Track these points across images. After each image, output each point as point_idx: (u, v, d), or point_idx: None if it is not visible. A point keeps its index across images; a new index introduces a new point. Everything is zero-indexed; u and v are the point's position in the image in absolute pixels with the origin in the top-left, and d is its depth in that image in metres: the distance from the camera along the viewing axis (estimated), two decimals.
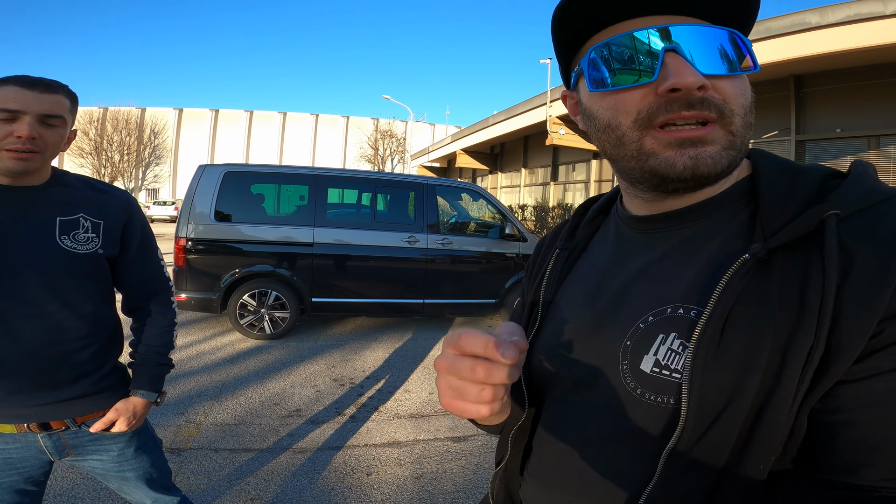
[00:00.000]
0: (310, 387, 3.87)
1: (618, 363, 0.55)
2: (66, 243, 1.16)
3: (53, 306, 1.14)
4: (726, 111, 0.50)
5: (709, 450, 0.47)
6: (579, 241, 0.71)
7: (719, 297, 0.47)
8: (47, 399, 1.17)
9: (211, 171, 4.95)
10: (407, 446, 3.00)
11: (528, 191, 19.34)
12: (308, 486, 2.50)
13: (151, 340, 1.35)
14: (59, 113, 1.11)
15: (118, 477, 1.35)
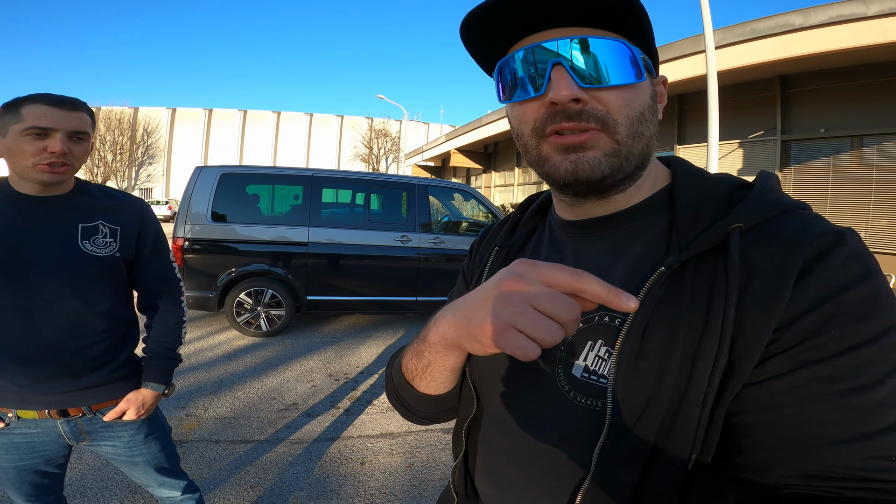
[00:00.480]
0: (305, 382, 3.99)
1: (554, 367, 0.58)
2: (87, 247, 1.28)
3: (74, 304, 1.26)
4: (609, 121, 0.52)
5: (633, 448, 0.51)
6: (517, 240, 0.72)
7: (638, 307, 0.49)
8: (66, 388, 1.28)
9: (208, 173, 5.05)
10: (399, 437, 3.13)
11: (521, 189, 19.49)
12: (305, 474, 2.63)
13: (162, 336, 1.47)
14: (85, 129, 1.23)
15: (128, 462, 1.46)
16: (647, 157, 0.57)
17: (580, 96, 0.51)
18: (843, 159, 8.30)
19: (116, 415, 1.35)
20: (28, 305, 1.21)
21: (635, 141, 0.54)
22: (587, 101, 0.52)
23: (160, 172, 42.48)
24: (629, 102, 0.53)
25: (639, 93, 0.54)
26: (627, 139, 0.53)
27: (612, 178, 0.54)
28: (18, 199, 1.23)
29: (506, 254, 0.71)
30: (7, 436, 1.28)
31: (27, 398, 1.26)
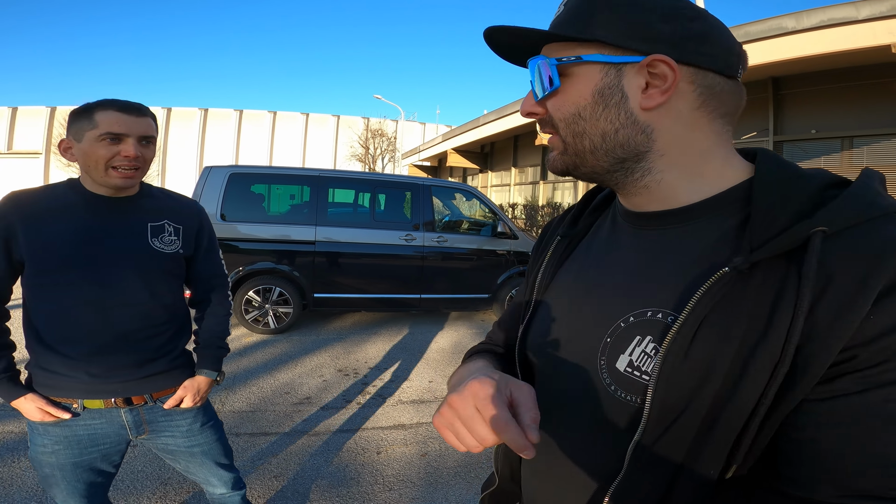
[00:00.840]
0: (317, 377, 4.09)
1: (597, 358, 0.58)
2: (156, 245, 1.38)
3: (143, 297, 1.35)
4: (555, 124, 0.58)
5: (668, 449, 0.50)
6: (581, 229, 0.72)
7: (693, 307, 0.49)
8: (132, 376, 1.36)
9: (217, 173, 5.14)
10: (411, 428, 3.25)
11: (517, 189, 19.62)
12: (325, 464, 2.74)
13: (213, 327, 1.57)
14: (152, 133, 1.32)
15: (187, 453, 1.52)
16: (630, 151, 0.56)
17: (529, 110, 0.60)
18: (833, 160, 8.49)
19: (175, 401, 1.43)
20: (103, 298, 1.30)
21: (577, 139, 0.57)
22: (539, 112, 0.60)
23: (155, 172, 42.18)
24: (558, 107, 0.57)
25: (567, 96, 0.56)
26: (569, 138, 0.58)
27: (576, 172, 0.60)
28: (93, 199, 1.32)
29: (567, 243, 0.72)
30: (70, 428, 1.34)
31: (95, 388, 1.33)
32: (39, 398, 1.29)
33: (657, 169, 0.57)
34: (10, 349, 1.33)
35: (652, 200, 0.59)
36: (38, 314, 1.29)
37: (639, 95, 0.54)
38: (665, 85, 0.52)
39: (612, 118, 0.55)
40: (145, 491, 2.37)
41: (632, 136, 0.55)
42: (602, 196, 0.74)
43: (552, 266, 0.71)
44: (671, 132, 0.55)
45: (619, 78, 0.54)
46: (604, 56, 0.53)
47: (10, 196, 1.27)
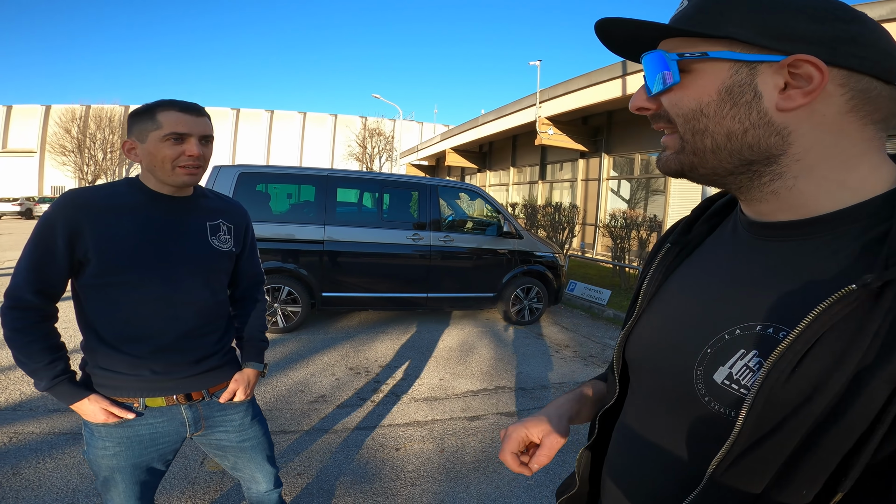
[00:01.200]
0: (329, 375, 4.13)
1: (694, 367, 0.57)
2: (215, 243, 1.41)
3: (205, 294, 1.39)
4: (671, 119, 0.57)
5: (755, 465, 0.49)
6: (693, 237, 0.70)
7: (810, 324, 0.46)
8: (191, 372, 1.39)
9: (226, 172, 5.16)
10: (427, 425, 3.29)
11: (515, 189, 19.69)
12: (346, 461, 2.78)
13: (255, 322, 1.61)
14: (211, 132, 1.34)
15: (238, 448, 1.53)
16: (759, 153, 0.53)
17: (640, 105, 0.59)
18: None
19: (230, 395, 1.46)
20: (171, 295, 1.32)
21: (697, 137, 0.55)
22: (650, 108, 0.59)
23: None
24: (676, 103, 0.56)
25: (687, 92, 0.55)
26: (688, 135, 0.56)
27: (693, 173, 0.58)
28: (157, 198, 1.34)
29: (678, 251, 0.70)
30: (133, 428, 1.34)
31: (157, 386, 1.35)
32: (103, 399, 1.30)
33: (790, 174, 0.53)
34: (65, 350, 1.32)
35: (780, 208, 0.56)
36: (101, 313, 1.29)
37: (776, 95, 0.51)
38: (809, 86, 0.49)
39: (740, 117, 0.52)
40: (174, 491, 2.40)
41: (763, 137, 0.52)
42: (722, 203, 0.71)
43: (660, 273, 0.70)
44: (812, 136, 0.51)
45: (751, 76, 0.51)
46: (735, 54, 0.51)
47: (72, 195, 1.27)
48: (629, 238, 8.90)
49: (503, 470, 2.77)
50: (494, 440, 3.13)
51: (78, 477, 2.45)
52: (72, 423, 2.99)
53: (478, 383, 4.13)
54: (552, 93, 13.80)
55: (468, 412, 3.54)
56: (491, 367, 4.54)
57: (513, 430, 0.76)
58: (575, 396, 0.85)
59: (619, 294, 7.77)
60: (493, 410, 3.60)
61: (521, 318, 6.14)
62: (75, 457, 2.63)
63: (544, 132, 13.74)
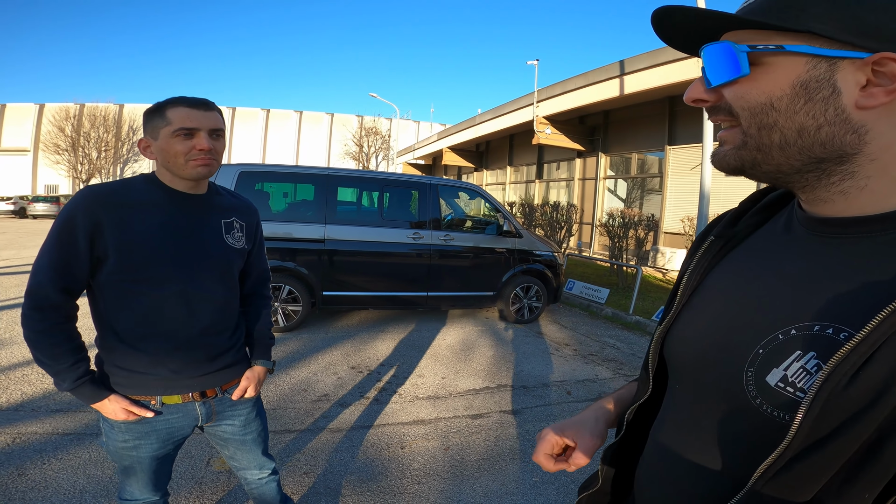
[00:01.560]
0: (331, 374, 4.13)
1: (744, 369, 0.54)
2: (229, 241, 1.43)
3: (221, 290, 1.40)
4: (734, 113, 0.55)
5: (808, 472, 0.47)
6: (740, 230, 0.67)
7: (878, 326, 0.44)
8: (207, 370, 1.40)
9: (226, 171, 5.15)
10: (431, 423, 3.30)
11: (512, 188, 19.72)
12: (351, 460, 2.78)
13: (263, 319, 1.62)
14: (221, 126, 1.35)
15: (239, 440, 1.56)
16: (831, 151, 0.51)
17: (697, 97, 0.57)
18: None
19: (242, 392, 1.48)
20: (189, 292, 1.33)
21: (764, 132, 0.53)
22: (709, 100, 0.57)
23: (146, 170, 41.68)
24: (743, 95, 0.53)
25: (756, 85, 0.52)
26: (753, 130, 0.53)
27: (755, 170, 0.56)
28: (175, 195, 1.34)
29: (723, 244, 0.68)
30: (150, 424, 1.36)
31: (173, 384, 1.36)
32: (122, 398, 1.31)
33: (863, 174, 0.51)
34: (86, 350, 1.32)
35: (848, 207, 0.53)
36: (120, 311, 1.29)
37: (855, 92, 0.49)
38: (893, 84, 0.47)
39: (815, 113, 0.50)
40: (182, 491, 2.40)
41: (838, 134, 0.50)
42: (774, 196, 0.68)
43: (702, 267, 0.68)
44: (889, 135, 0.49)
45: (831, 72, 0.49)
46: (815, 48, 0.49)
47: (91, 191, 1.26)
48: (626, 237, 8.94)
49: (509, 467, 2.78)
50: (499, 438, 3.14)
51: (84, 478, 2.44)
52: (75, 423, 2.98)
53: (479, 381, 4.15)
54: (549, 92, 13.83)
55: (471, 410, 3.55)
56: (492, 366, 4.55)
57: (547, 433, 0.76)
58: (614, 399, 0.85)
59: (616, 293, 7.80)
60: (495, 408, 3.61)
61: (521, 317, 6.16)
62: (80, 457, 2.62)
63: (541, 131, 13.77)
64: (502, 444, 3.06)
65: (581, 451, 0.74)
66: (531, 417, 3.49)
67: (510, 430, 3.28)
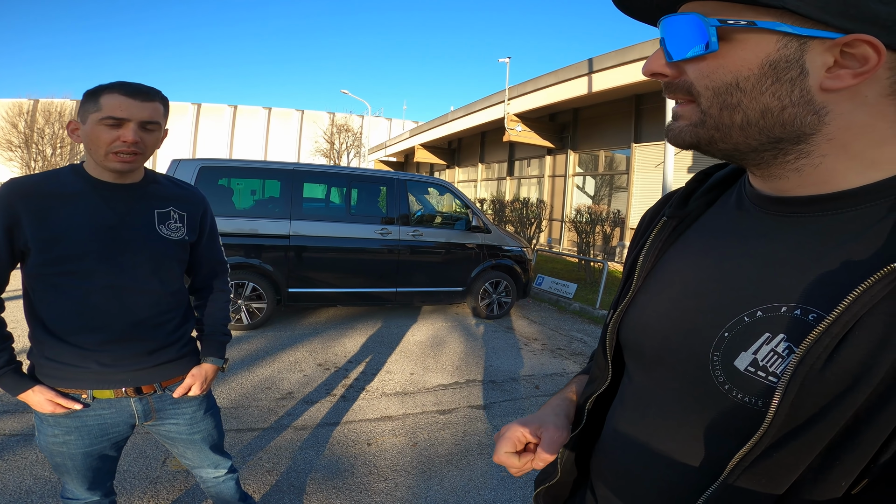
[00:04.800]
0: (297, 371, 4.04)
1: (709, 353, 0.52)
2: (163, 231, 1.36)
3: (154, 284, 1.34)
4: (693, 91, 0.52)
5: (786, 460, 0.46)
6: (691, 210, 0.65)
7: (848, 307, 0.43)
8: (143, 365, 1.34)
9: (186, 166, 4.99)
10: (398, 420, 3.26)
11: (484, 185, 19.79)
12: (316, 457, 2.72)
13: (216, 314, 1.56)
14: (157, 119, 1.28)
15: (187, 440, 1.51)
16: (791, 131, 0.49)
17: (658, 70, 0.54)
18: None
19: (185, 390, 1.42)
20: (119, 285, 1.27)
21: (727, 111, 0.51)
22: (670, 74, 0.54)
23: None
24: (708, 74, 0.50)
25: (724, 63, 0.49)
26: (714, 109, 0.51)
27: (710, 147, 0.54)
28: (100, 186, 1.28)
29: (675, 224, 0.66)
30: (80, 418, 1.32)
31: (105, 378, 1.30)
32: (48, 390, 1.26)
33: (819, 153, 0.50)
34: (10, 340, 1.29)
35: (802, 184, 0.52)
36: (47, 304, 1.25)
37: (822, 74, 0.47)
38: (862, 68, 0.46)
39: (781, 94, 0.48)
40: (135, 491, 2.30)
41: (800, 115, 0.48)
42: (721, 175, 0.67)
43: (656, 248, 0.65)
44: (850, 116, 0.48)
45: (801, 52, 0.47)
46: (787, 26, 0.46)
47: (11, 182, 1.22)
48: (594, 233, 9.07)
49: (477, 463, 2.77)
50: (467, 433, 3.12)
51: (31, 478, 2.32)
52: (22, 424, 2.83)
53: (448, 377, 4.13)
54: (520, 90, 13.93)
55: (440, 406, 3.53)
56: (461, 361, 4.54)
57: (506, 430, 0.70)
58: (568, 393, 0.81)
59: (584, 288, 7.91)
60: (464, 404, 3.59)
61: (491, 312, 6.17)
62: (27, 458, 2.49)
63: (512, 129, 13.85)
64: (470, 440, 3.04)
65: (546, 446, 0.68)
66: (499, 412, 3.49)
67: (478, 425, 3.26)
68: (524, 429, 0.69)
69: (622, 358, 0.69)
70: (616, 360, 0.69)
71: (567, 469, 0.73)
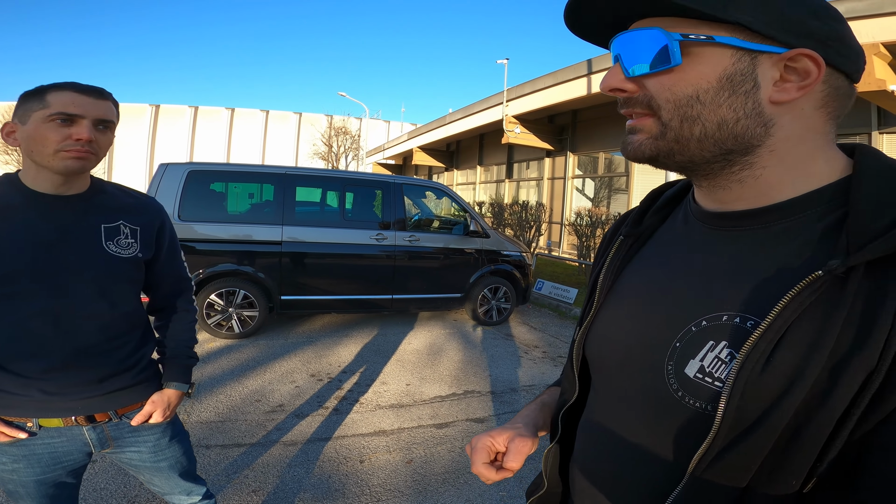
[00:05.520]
0: (288, 383, 3.90)
1: (664, 363, 0.55)
2: (112, 248, 1.23)
3: (102, 306, 1.21)
4: (653, 105, 0.53)
5: (738, 461, 0.48)
6: (645, 228, 0.68)
7: (779, 313, 0.46)
8: (93, 392, 1.23)
9: (174, 170, 4.85)
10: (393, 434, 3.12)
11: (483, 188, 19.67)
12: (305, 475, 2.58)
13: (180, 335, 1.43)
14: (111, 118, 1.17)
15: (153, 468, 1.40)
16: (741, 143, 0.52)
17: (617, 86, 0.55)
18: None
19: (144, 417, 1.31)
20: (58, 309, 1.15)
21: (686, 124, 0.52)
22: (630, 89, 0.55)
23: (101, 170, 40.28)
24: (670, 87, 0.52)
25: (684, 76, 0.51)
26: (675, 122, 0.53)
27: (668, 160, 0.55)
28: (37, 199, 1.15)
29: (632, 243, 0.69)
30: (28, 447, 1.20)
31: (51, 406, 1.19)
32: None
33: (761, 164, 0.53)
34: None
35: (741, 196, 0.55)
36: None
37: (770, 87, 0.50)
38: (804, 81, 0.50)
39: (736, 107, 0.51)
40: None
41: (751, 127, 0.51)
42: (670, 194, 0.71)
43: (615, 266, 0.69)
44: (789, 128, 0.52)
45: (753, 66, 0.50)
46: (742, 41, 0.49)
47: None
48: (594, 236, 8.95)
49: (474, 481, 2.62)
50: (464, 449, 2.98)
51: None
52: None
53: (446, 388, 3.99)
54: (519, 91, 13.81)
55: (436, 419, 3.39)
56: (459, 371, 4.40)
57: (477, 441, 0.73)
58: (538, 405, 0.83)
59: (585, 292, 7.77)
60: (462, 416, 3.45)
61: (490, 319, 6.03)
62: None
63: (511, 131, 13.73)
64: (468, 456, 2.89)
65: (513, 455, 0.70)
66: (499, 425, 3.35)
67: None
68: (494, 439, 0.72)
69: (589, 372, 0.72)
70: (584, 373, 0.72)
71: (553, 480, 0.75)
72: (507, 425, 0.77)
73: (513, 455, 0.70)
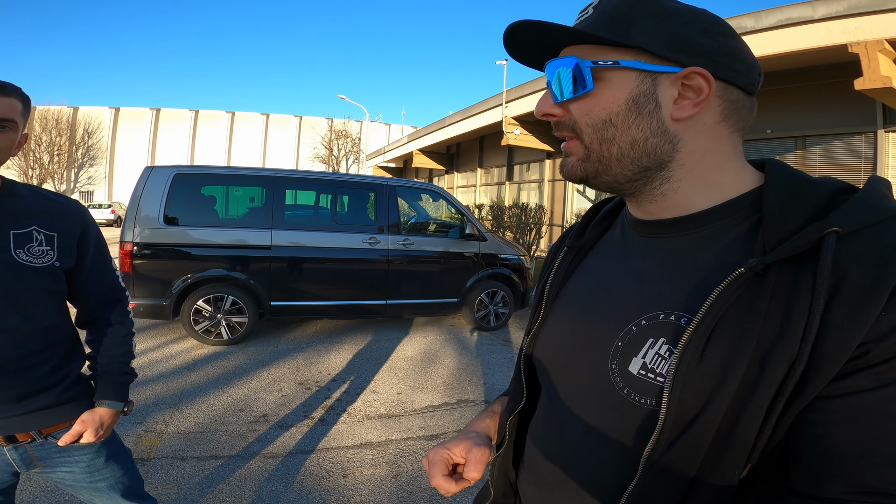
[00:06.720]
0: (275, 391, 3.77)
1: (608, 362, 0.57)
2: (22, 257, 1.11)
3: (13, 321, 1.10)
4: (577, 129, 0.57)
5: (685, 453, 0.49)
6: (587, 240, 0.72)
7: (708, 309, 0.49)
8: (11, 412, 1.13)
9: (159, 173, 4.74)
10: (380, 447, 2.98)
11: (483, 190, 19.55)
12: (284, 490, 2.44)
13: (112, 350, 1.32)
14: (11, 117, 1.06)
15: (90, 488, 1.30)
16: (654, 160, 0.56)
17: (547, 111, 0.59)
18: (788, 159, 8.68)
19: (73, 438, 1.19)
20: None
21: (605, 145, 0.56)
22: (558, 115, 0.59)
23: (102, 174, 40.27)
24: (587, 112, 0.56)
25: (599, 101, 0.55)
26: (595, 144, 0.57)
27: (597, 180, 0.59)
28: None
29: (574, 254, 0.73)
30: None
31: None
32: None
33: (676, 178, 0.57)
34: None
35: (666, 208, 0.60)
36: None
37: (671, 106, 0.54)
38: (699, 98, 0.53)
39: (643, 126, 0.55)
40: None
41: (659, 144, 0.55)
42: (609, 207, 0.75)
43: (560, 277, 0.72)
44: (694, 143, 0.56)
45: (654, 86, 0.54)
46: (642, 64, 0.53)
47: None
48: None
49: (463, 498, 2.48)
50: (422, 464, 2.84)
51: None
52: None
53: (439, 397, 3.85)
54: (518, 92, 13.69)
55: (427, 430, 3.25)
56: (454, 379, 4.26)
57: (434, 454, 0.72)
58: (489, 413, 0.83)
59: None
60: (454, 427, 3.31)
61: (487, 324, 5.89)
62: None
63: (511, 132, 13.60)
64: None
65: (473, 465, 0.69)
66: None
67: None
68: (450, 451, 0.71)
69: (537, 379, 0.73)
70: (532, 380, 0.73)
71: (499, 488, 0.75)
72: (460, 436, 0.76)
73: (472, 465, 0.69)
